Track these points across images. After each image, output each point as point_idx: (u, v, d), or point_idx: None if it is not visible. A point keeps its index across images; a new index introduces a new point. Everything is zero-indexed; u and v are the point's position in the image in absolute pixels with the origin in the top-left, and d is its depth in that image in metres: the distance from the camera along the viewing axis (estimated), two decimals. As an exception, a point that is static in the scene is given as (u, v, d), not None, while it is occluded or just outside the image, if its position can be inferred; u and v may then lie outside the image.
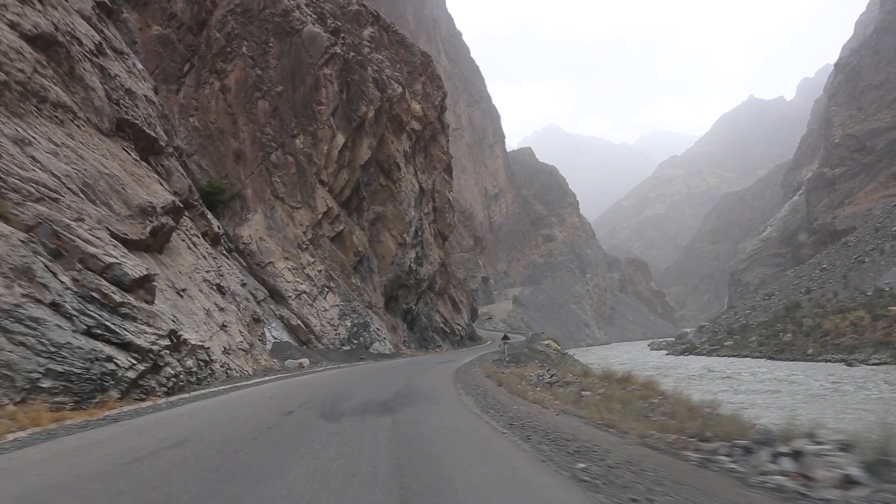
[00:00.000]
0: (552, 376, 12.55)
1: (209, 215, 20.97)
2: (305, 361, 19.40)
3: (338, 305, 30.02)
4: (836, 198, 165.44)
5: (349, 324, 29.92)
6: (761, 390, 34.61)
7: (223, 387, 12.78)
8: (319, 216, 30.78)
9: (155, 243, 12.45)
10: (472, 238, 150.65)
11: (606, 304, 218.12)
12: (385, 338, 31.41)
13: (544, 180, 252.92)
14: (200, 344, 11.90)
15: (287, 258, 29.54)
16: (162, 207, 12.64)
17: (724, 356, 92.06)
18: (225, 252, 22.34)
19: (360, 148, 33.32)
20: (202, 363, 12.00)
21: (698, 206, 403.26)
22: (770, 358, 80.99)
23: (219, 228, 23.61)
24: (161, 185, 13.85)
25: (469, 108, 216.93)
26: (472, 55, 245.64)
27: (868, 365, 64.79)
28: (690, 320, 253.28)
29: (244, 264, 27.89)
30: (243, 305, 18.13)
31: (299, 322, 27.41)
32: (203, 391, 11.97)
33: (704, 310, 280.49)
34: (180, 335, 11.02)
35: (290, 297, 28.73)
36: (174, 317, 11.34)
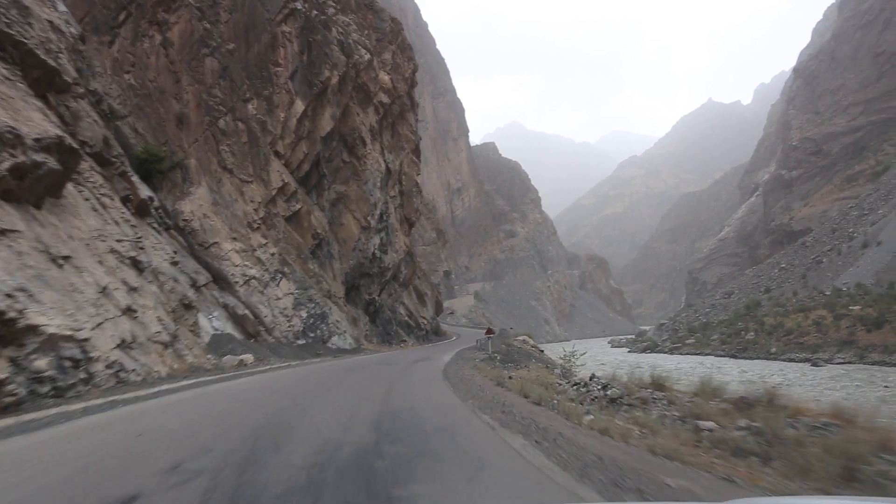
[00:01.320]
0: (606, 388, 8.14)
1: (135, 178, 17.22)
2: (248, 358, 15.89)
3: (292, 294, 26.43)
4: (793, 199, 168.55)
5: (305, 315, 26.37)
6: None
7: (79, 405, 8.06)
8: (273, 192, 27.08)
9: (23, 190, 8.87)
10: (434, 231, 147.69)
11: (566, 300, 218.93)
12: (345, 331, 27.98)
13: (507, 176, 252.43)
14: (70, 334, 8.21)
15: (235, 239, 25.78)
16: (36, 141, 9.04)
17: (687, 354, 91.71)
18: (157, 226, 18.60)
19: (321, 118, 29.68)
20: (70, 363, 8.26)
21: (656, 205, 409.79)
22: (733, 356, 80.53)
23: (151, 198, 19.80)
24: (46, 116, 10.23)
25: (433, 101, 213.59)
26: (437, 47, 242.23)
27: (833, 364, 64.45)
28: (647, 318, 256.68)
29: (184, 244, 24.06)
30: (169, 287, 14.53)
31: (247, 312, 23.75)
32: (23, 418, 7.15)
33: (661, 308, 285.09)
34: (14, 319, 7.31)
35: (237, 283, 25.01)
36: (20, 290, 7.56)
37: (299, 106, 28.07)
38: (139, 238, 13.73)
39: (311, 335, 26.01)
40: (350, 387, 11.67)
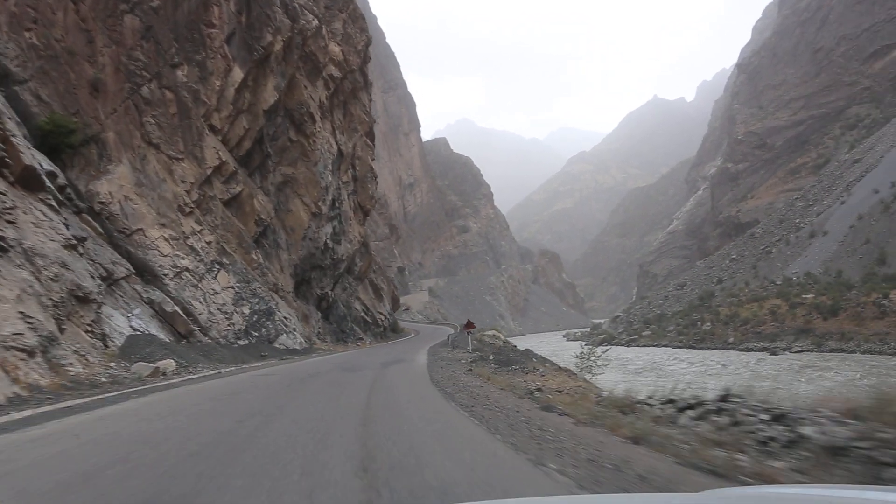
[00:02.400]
0: (789, 422, 3.99)
1: (17, 140, 13.54)
2: (168, 365, 12.46)
3: (232, 287, 22.94)
4: (739, 192, 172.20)
5: (247, 311, 22.92)
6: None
7: None
8: (209, 171, 23.48)
9: None
10: (387, 226, 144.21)
11: (520, 295, 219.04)
12: (295, 329, 24.67)
13: (459, 171, 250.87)
14: None
15: (163, 225, 22.11)
16: None
17: (645, 346, 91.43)
18: (54, 204, 14.95)
19: (263, 89, 26.16)
20: None
21: (606, 200, 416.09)
22: (691, 347, 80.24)
23: (52, 173, 16.09)
24: None
25: (384, 95, 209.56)
26: (387, 41, 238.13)
27: (791, 353, 64.53)
28: (599, 311, 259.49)
29: (100, 230, 20.29)
30: (51, 274, 11.08)
31: (177, 308, 20.17)
32: None
33: (612, 301, 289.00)
34: None
35: (165, 275, 21.37)
36: None
37: (238, 74, 24.53)
38: (8, 209, 10.31)
39: (255, 334, 22.61)
40: (302, 414, 7.48)
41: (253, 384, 11.62)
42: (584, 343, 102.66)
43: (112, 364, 11.73)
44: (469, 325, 22.01)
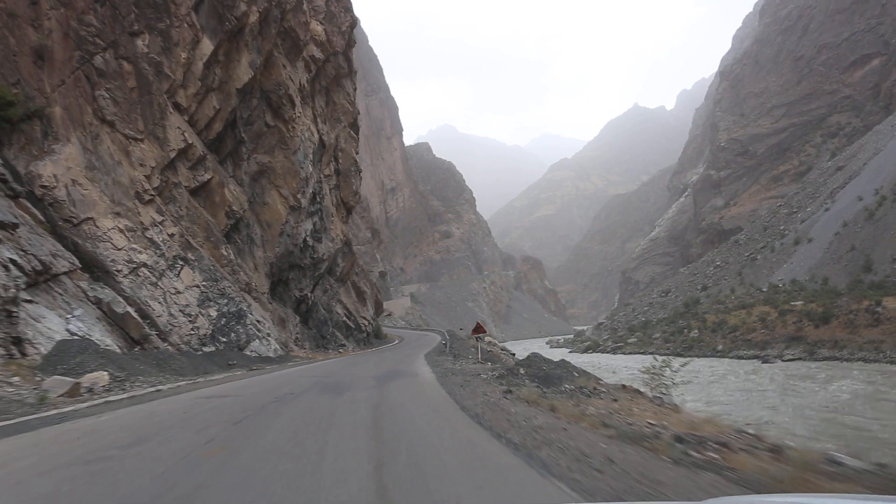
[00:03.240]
0: None
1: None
2: (99, 379, 9.41)
3: (198, 286, 20.08)
4: (722, 199, 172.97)
5: (215, 314, 20.06)
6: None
7: None
8: (172, 154, 20.63)
9: None
10: (369, 230, 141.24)
11: (503, 301, 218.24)
12: (269, 334, 21.85)
13: (441, 176, 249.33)
14: None
15: (118, 214, 19.21)
16: None
17: (631, 354, 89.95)
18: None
19: (236, 65, 23.34)
20: None
21: (587, 207, 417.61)
22: (678, 355, 78.35)
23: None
24: None
25: (366, 98, 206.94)
26: (370, 44, 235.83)
27: (783, 361, 63.01)
28: (581, 318, 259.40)
29: (41, 218, 17.39)
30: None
31: (130, 309, 17.28)
32: None
33: (594, 308, 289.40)
34: None
35: (119, 271, 18.48)
36: None
37: (207, 46, 21.74)
38: None
39: (223, 340, 19.76)
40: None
41: (187, 417, 8.12)
42: (568, 350, 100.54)
43: (16, 378, 8.94)
44: (479, 328, 19.02)
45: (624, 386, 8.13)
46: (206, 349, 18.85)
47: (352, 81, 36.96)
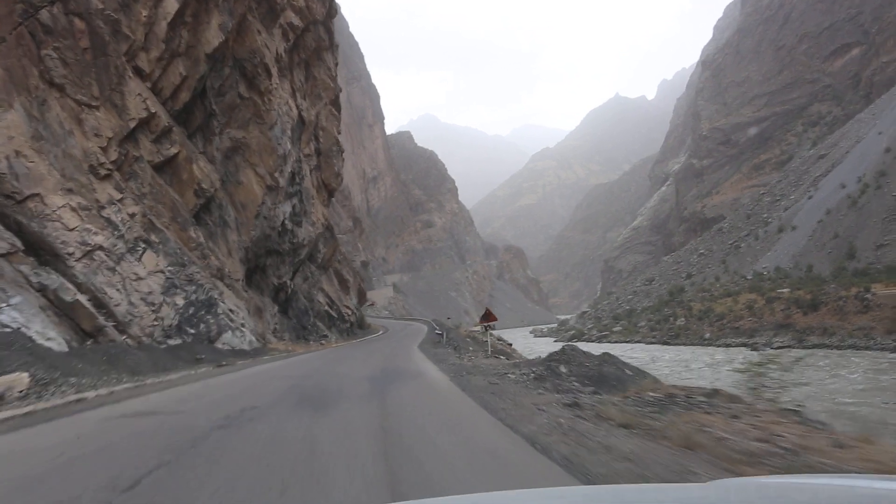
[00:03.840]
0: None
1: None
2: (15, 384, 7.19)
3: (162, 272, 17.93)
4: (704, 187, 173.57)
5: (181, 302, 17.93)
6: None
7: None
8: (133, 124, 18.40)
9: None
10: (350, 219, 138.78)
11: (485, 291, 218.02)
12: (243, 325, 19.79)
13: (423, 165, 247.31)
14: None
15: (70, 190, 16.97)
16: None
17: (617, 342, 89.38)
18: None
19: (206, 27, 21.02)
20: None
21: (569, 196, 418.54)
22: (665, 343, 77.99)
23: None
24: None
25: (347, 86, 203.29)
26: (351, 30, 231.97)
27: (772, 349, 62.37)
28: (563, 307, 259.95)
29: (-23, 194, 15.13)
30: None
31: (81, 297, 15.14)
32: None
33: (576, 297, 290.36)
34: None
35: (70, 254, 16.29)
36: None
37: (171, 4, 19.43)
38: None
39: (191, 331, 17.67)
40: None
41: (54, 466, 5.01)
42: (553, 339, 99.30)
43: None
44: (488, 316, 16.38)
45: (717, 391, 6.13)
46: (171, 342, 16.75)
47: (333, 56, 34.64)
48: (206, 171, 21.66)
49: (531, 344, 78.79)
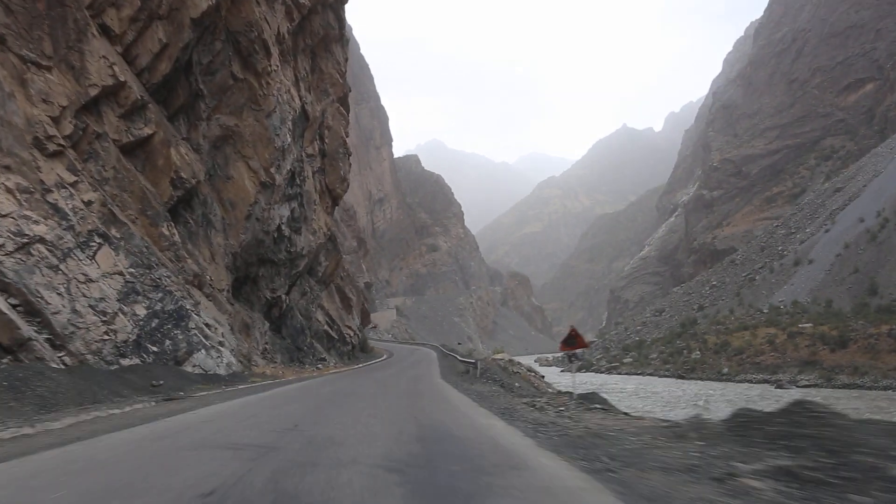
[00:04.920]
0: None
1: None
2: None
3: (121, 274, 14.32)
4: (715, 219, 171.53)
5: (143, 312, 14.25)
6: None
7: None
8: (94, 93, 14.98)
9: None
10: (355, 239, 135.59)
11: (489, 317, 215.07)
12: (222, 343, 16.04)
13: (430, 189, 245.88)
14: None
15: (6, 167, 13.45)
16: None
17: (627, 374, 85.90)
18: None
19: (193, -12, 17.73)
20: None
21: (574, 225, 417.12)
22: (680, 377, 74.15)
23: None
24: None
25: (356, 106, 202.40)
26: (361, 52, 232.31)
27: (798, 387, 58.46)
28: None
29: None
30: None
31: (0, 301, 11.52)
32: None
33: (580, 326, 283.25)
34: None
35: (0, 246, 12.73)
36: None
37: (151, -47, 16.23)
38: None
39: (153, 349, 13.97)
40: None
41: None
42: (560, 370, 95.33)
43: None
44: (575, 339, 10.84)
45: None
46: (124, 362, 13.05)
47: (342, 49, 31.30)
48: (189, 159, 18.16)
49: (544, 374, 74.68)
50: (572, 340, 11.17)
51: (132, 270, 14.59)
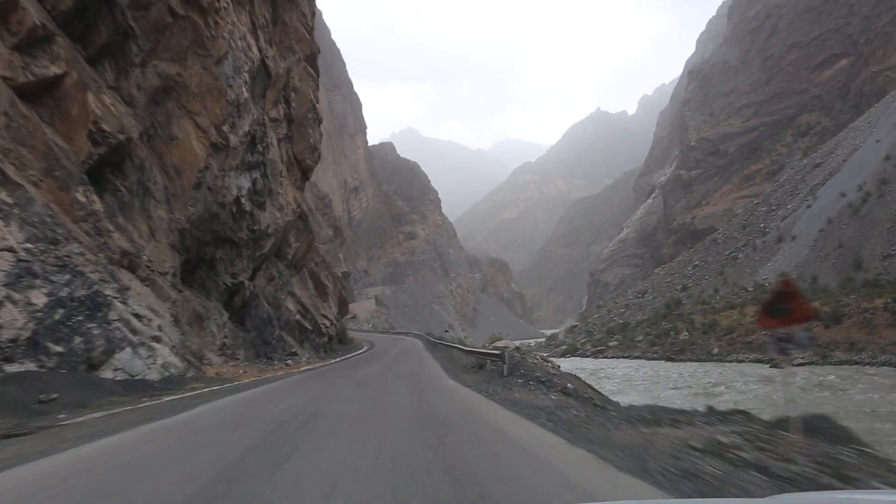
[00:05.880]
0: None
1: None
2: None
3: (11, 249, 10.74)
4: (694, 199, 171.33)
5: (43, 300, 10.63)
6: None
7: None
8: (-27, 12, 11.28)
9: None
10: (331, 228, 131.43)
11: (469, 304, 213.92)
12: (157, 338, 12.42)
13: (406, 176, 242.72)
14: None
15: None
16: None
17: (614, 357, 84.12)
18: None
19: None
20: None
21: (551, 210, 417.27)
22: (669, 359, 72.27)
23: None
24: None
25: (329, 93, 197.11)
26: (332, 38, 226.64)
27: (794, 365, 56.61)
28: (547, 321, 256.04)
29: None
30: None
31: None
32: None
33: (559, 311, 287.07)
34: None
35: None
36: None
37: None
38: None
39: (58, 349, 10.38)
40: None
41: None
42: (545, 354, 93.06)
43: None
44: (791, 306, 3.96)
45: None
46: (10, 368, 9.46)
47: (309, 1, 27.39)
48: (116, 110, 14.43)
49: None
50: (782, 307, 5.36)
51: (28, 246, 10.91)
